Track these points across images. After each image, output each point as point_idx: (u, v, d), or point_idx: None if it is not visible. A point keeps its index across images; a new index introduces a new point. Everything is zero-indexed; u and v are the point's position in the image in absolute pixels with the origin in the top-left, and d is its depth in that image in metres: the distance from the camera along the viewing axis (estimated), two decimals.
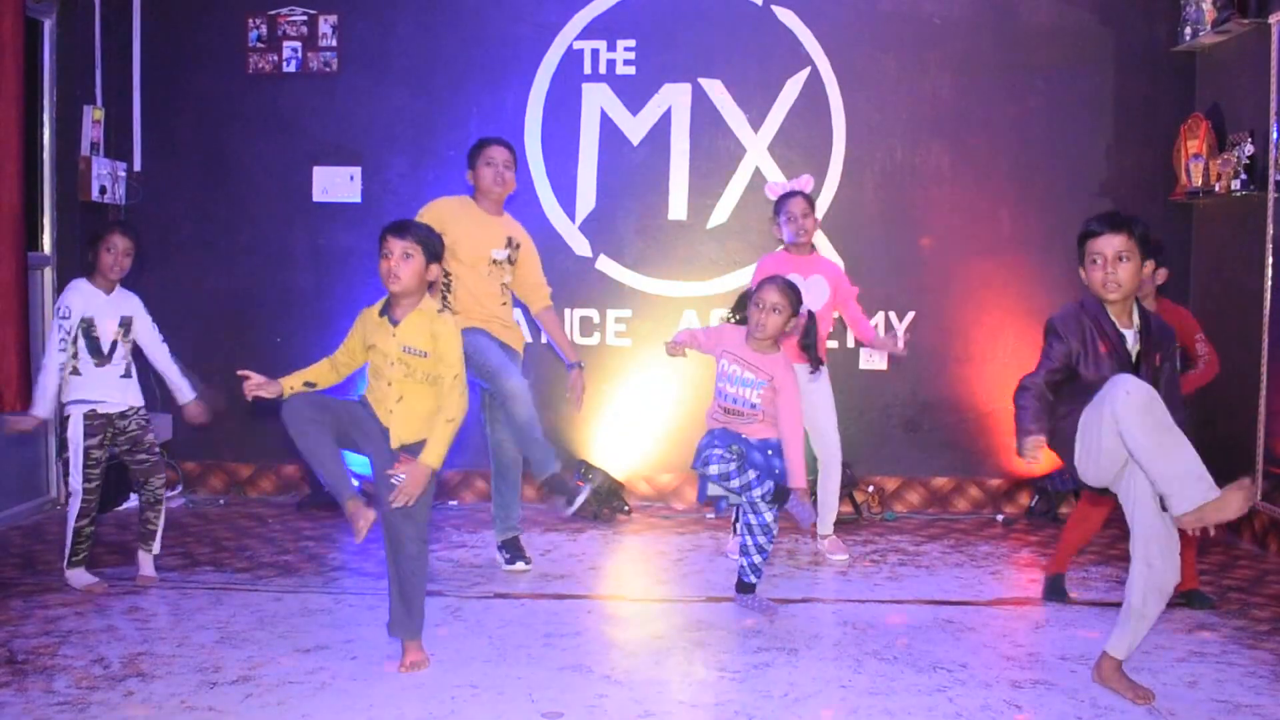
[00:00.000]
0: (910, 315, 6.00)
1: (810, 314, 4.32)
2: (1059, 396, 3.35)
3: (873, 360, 6.02)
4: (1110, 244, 3.25)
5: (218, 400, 4.83)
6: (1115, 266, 3.25)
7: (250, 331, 6.12)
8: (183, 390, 4.61)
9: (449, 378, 3.56)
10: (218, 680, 3.46)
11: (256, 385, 3.60)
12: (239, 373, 3.62)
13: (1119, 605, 4.21)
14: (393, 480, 3.52)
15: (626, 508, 5.86)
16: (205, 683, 3.44)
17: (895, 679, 3.53)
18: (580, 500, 4.62)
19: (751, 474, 4.08)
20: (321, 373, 3.71)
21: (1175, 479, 3.08)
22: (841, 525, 5.46)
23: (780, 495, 4.14)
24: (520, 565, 4.81)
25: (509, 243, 4.77)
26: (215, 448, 6.22)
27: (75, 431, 4.36)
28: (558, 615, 4.16)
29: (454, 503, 6.16)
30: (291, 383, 3.65)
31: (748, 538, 4.22)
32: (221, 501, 6.07)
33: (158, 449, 4.57)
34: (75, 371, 4.37)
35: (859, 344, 5.76)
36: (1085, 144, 5.96)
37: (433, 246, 3.60)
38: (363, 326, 3.67)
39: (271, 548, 5.09)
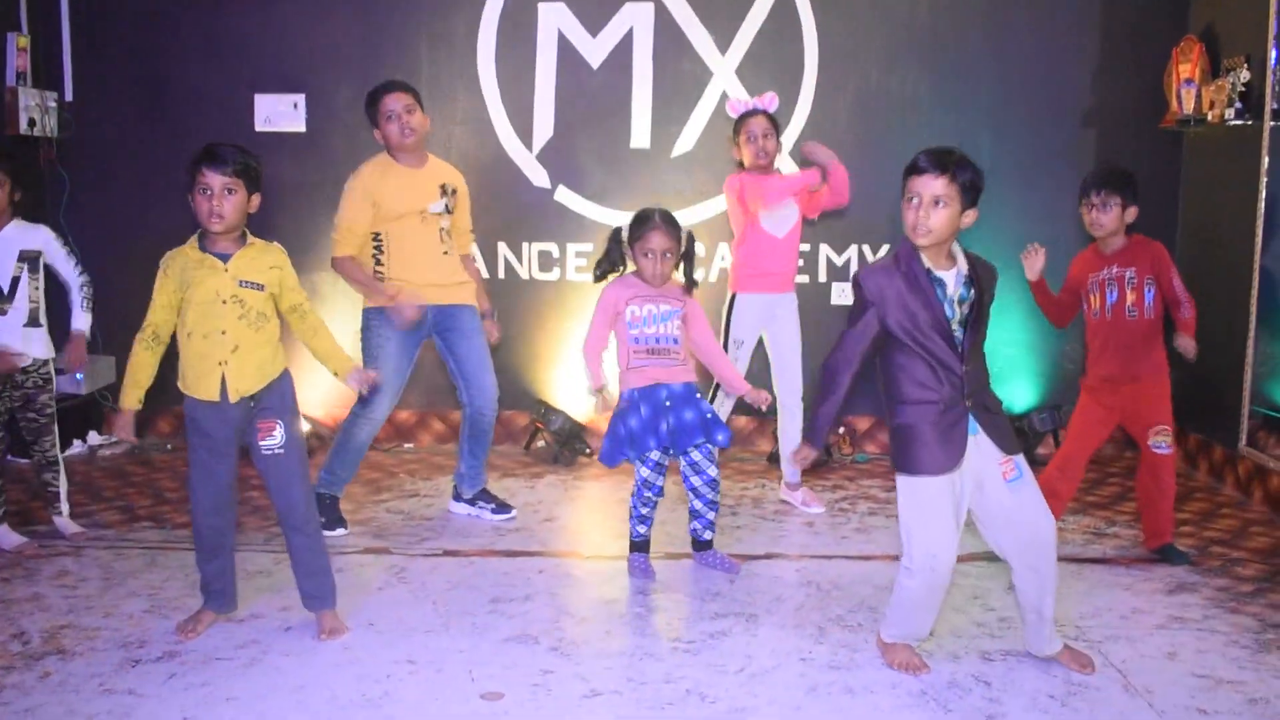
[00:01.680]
0: (885, 248, 5.75)
1: (690, 235, 4.03)
2: (889, 393, 3.13)
3: (844, 296, 5.77)
4: (928, 186, 2.94)
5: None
6: (930, 211, 2.94)
7: None
8: (77, 318, 4.34)
9: (306, 302, 3.48)
10: (141, 657, 3.27)
11: (124, 429, 3.51)
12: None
13: (1098, 561, 4.13)
14: (264, 444, 3.36)
15: (588, 450, 5.65)
16: (128, 660, 3.24)
17: (858, 650, 3.34)
18: (339, 532, 4.44)
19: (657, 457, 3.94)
20: (146, 365, 3.40)
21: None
22: (811, 468, 5.27)
23: (701, 547, 4.12)
24: (510, 514, 4.67)
25: (444, 191, 4.46)
26: (162, 388, 5.91)
27: None
28: (508, 576, 3.97)
29: (409, 445, 5.95)
30: (134, 396, 3.44)
31: (695, 501, 4.02)
32: (169, 446, 5.83)
33: (51, 410, 4.32)
34: None
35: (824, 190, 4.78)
36: (1070, 68, 5.65)
37: (254, 174, 3.29)
38: (178, 272, 3.29)
39: None
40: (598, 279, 4.01)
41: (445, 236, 4.46)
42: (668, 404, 3.88)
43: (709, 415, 3.92)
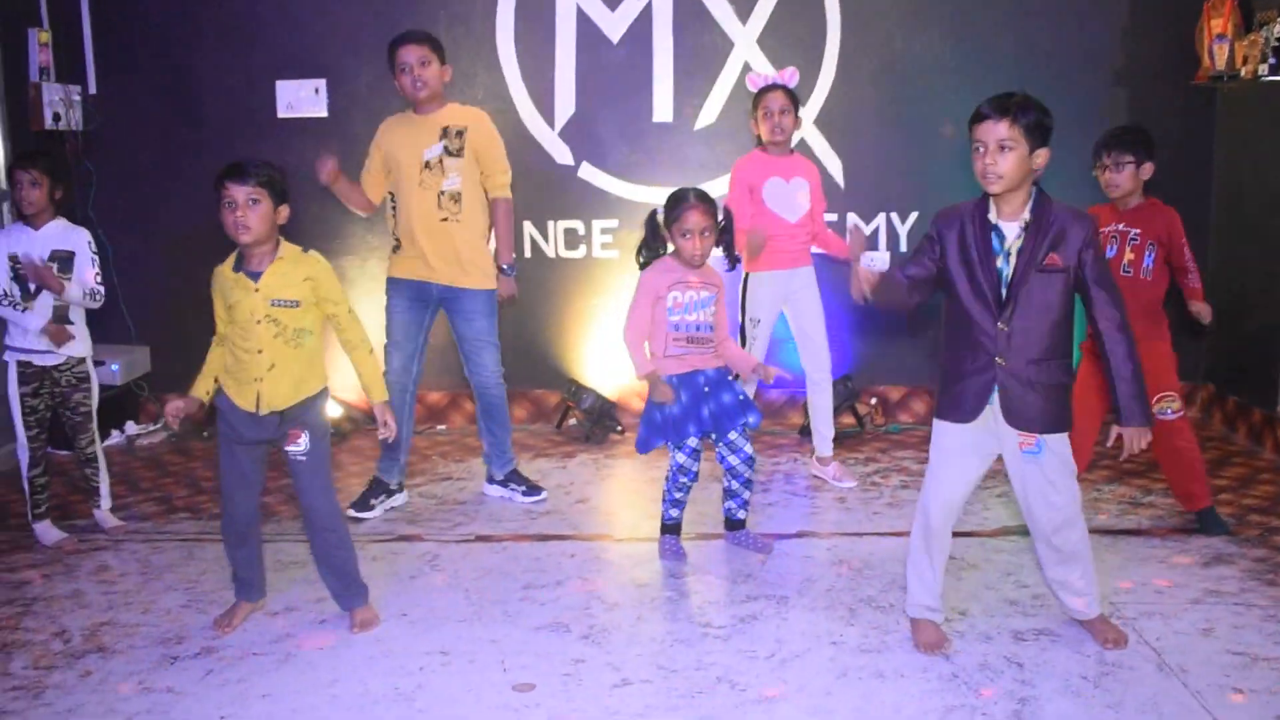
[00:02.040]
0: (914, 216, 5.68)
1: (727, 210, 3.99)
2: (946, 334, 3.19)
3: (874, 263, 5.71)
4: (991, 132, 2.94)
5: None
6: (996, 156, 2.94)
7: (218, 257, 5.81)
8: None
9: (344, 314, 3.43)
10: (179, 654, 3.31)
11: (176, 411, 3.39)
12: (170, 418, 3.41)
13: (1134, 533, 4.08)
14: (290, 450, 3.37)
15: (619, 427, 5.65)
16: (166, 658, 3.29)
17: (889, 632, 3.33)
18: (365, 515, 4.50)
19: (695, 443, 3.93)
20: (213, 360, 3.45)
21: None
22: (844, 439, 5.25)
23: (735, 526, 4.12)
24: (538, 497, 4.67)
25: (444, 133, 4.39)
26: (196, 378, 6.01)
27: (11, 381, 4.23)
28: (539, 562, 3.98)
29: (442, 427, 5.97)
30: (205, 387, 3.45)
31: (732, 481, 4.01)
32: (205, 435, 5.88)
33: (87, 408, 4.35)
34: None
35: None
36: (1099, 25, 5.52)
37: (278, 186, 3.31)
38: (220, 288, 3.37)
39: None
40: (643, 267, 3.98)
41: (447, 201, 4.40)
42: (706, 390, 3.88)
43: (741, 397, 3.92)
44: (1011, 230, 3.01)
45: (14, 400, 4.22)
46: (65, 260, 4.23)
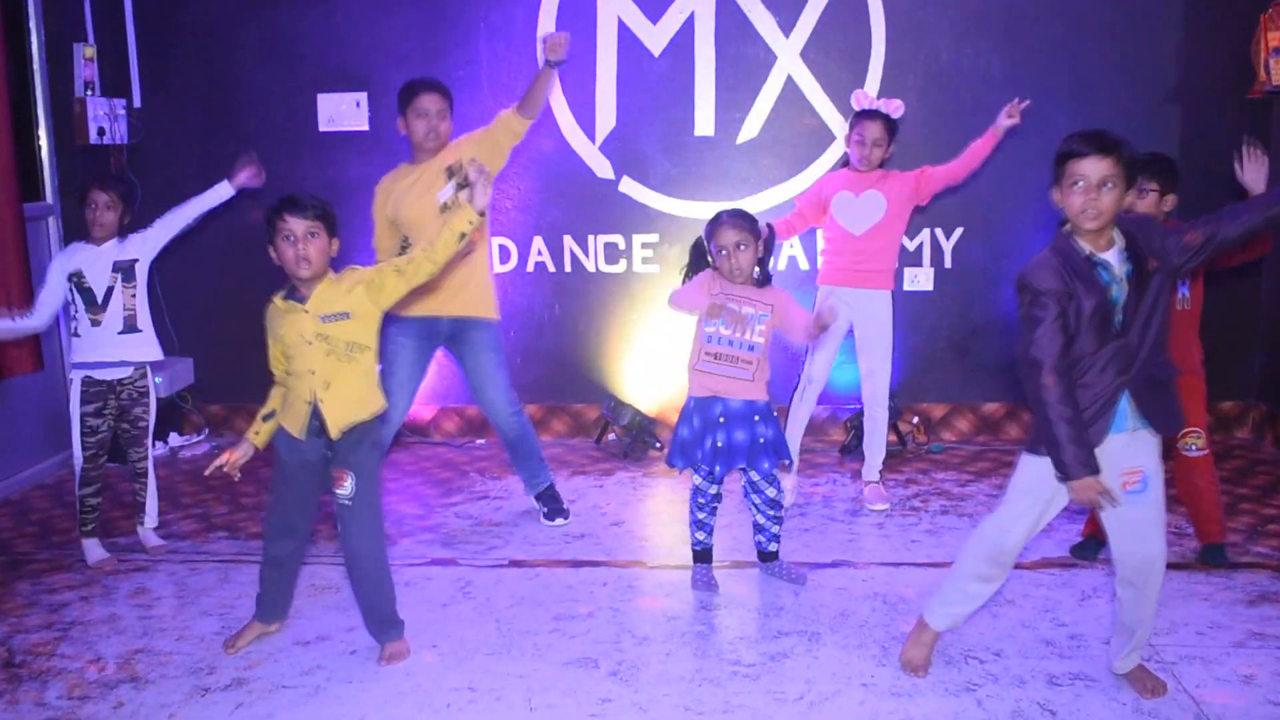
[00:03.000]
0: (958, 231, 5.58)
1: (770, 228, 3.88)
2: None
3: (918, 281, 5.63)
4: (1096, 168, 2.83)
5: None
6: (1099, 193, 2.83)
7: (262, 270, 5.84)
8: (217, 191, 4.54)
9: (388, 268, 3.33)
10: (210, 686, 3.33)
11: (232, 463, 3.41)
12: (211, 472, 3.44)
13: (1178, 567, 4.01)
14: (336, 493, 3.36)
15: (658, 443, 5.62)
16: (198, 689, 3.31)
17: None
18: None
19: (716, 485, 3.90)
20: (269, 400, 3.47)
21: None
22: (885, 457, 5.16)
23: (767, 558, 4.05)
24: (560, 520, 4.64)
25: (450, 173, 4.36)
26: (239, 389, 6.05)
27: (73, 398, 4.26)
28: (572, 590, 3.96)
29: (481, 441, 5.97)
30: (256, 429, 3.44)
31: (756, 515, 3.97)
32: None
33: (145, 423, 4.39)
34: (75, 334, 4.27)
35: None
36: (1151, 38, 5.38)
37: (332, 219, 3.32)
38: (272, 323, 3.37)
39: None
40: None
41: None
42: (721, 420, 3.80)
43: (761, 440, 3.81)
44: (1113, 258, 2.92)
45: (75, 419, 4.25)
46: (128, 270, 4.28)
